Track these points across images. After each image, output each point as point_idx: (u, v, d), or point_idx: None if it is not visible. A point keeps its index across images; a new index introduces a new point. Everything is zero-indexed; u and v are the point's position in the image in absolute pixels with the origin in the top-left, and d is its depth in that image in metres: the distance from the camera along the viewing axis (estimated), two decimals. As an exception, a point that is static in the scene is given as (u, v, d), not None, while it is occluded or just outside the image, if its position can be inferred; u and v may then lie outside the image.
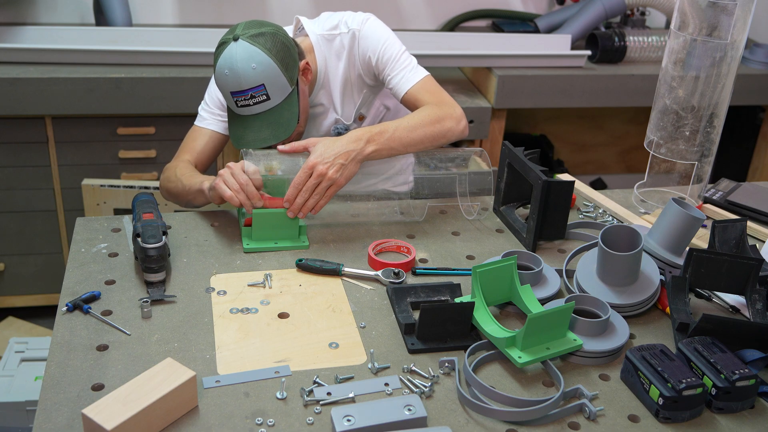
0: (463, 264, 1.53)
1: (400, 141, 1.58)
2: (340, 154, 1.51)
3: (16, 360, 2.37)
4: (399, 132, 1.58)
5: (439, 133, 1.63)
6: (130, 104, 2.59)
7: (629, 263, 1.36)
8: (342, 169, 1.50)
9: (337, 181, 1.51)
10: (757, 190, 1.81)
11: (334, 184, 1.51)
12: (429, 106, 1.66)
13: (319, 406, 1.14)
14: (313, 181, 1.49)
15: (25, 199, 2.71)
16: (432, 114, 1.63)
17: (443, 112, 1.65)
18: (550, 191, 1.51)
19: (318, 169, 1.49)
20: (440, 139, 1.64)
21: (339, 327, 1.32)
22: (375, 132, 1.56)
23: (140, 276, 1.42)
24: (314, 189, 1.50)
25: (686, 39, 1.62)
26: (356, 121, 1.82)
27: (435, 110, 1.64)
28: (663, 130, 1.71)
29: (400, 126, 1.59)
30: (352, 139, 1.53)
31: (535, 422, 1.13)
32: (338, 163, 1.50)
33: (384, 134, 1.56)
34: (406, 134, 1.58)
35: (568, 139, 3.68)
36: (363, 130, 1.56)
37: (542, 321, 1.21)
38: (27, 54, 2.62)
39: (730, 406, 1.17)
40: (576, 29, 3.05)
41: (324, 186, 1.50)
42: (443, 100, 1.69)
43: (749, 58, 3.06)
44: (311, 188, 1.50)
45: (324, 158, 1.50)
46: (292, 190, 1.50)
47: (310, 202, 1.51)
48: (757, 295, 1.35)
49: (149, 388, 1.08)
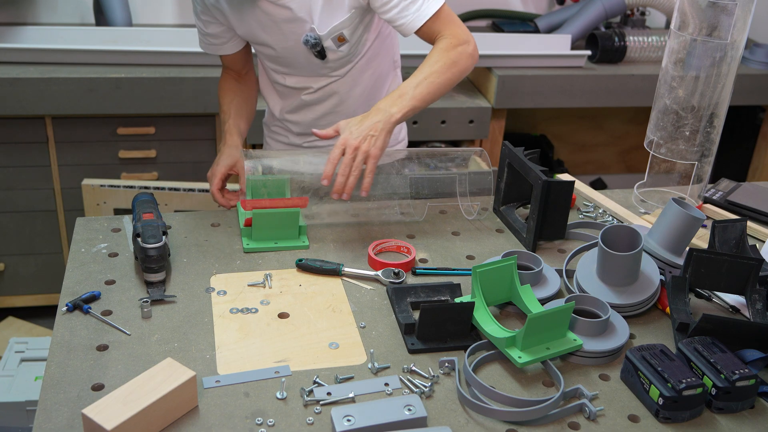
0: (463, 264, 1.53)
1: (422, 98, 1.56)
2: (369, 127, 1.49)
3: (16, 360, 2.37)
4: (419, 89, 1.55)
5: (456, 77, 1.61)
6: (130, 104, 2.59)
7: (629, 263, 1.36)
8: (374, 141, 1.49)
9: (371, 152, 1.48)
10: (757, 190, 1.81)
11: (370, 156, 1.49)
12: (442, 50, 1.60)
13: (319, 406, 1.14)
14: (348, 157, 1.48)
15: (25, 199, 2.71)
16: (447, 59, 1.59)
17: (457, 54, 1.60)
18: (550, 191, 1.51)
19: (350, 144, 1.48)
20: (457, 81, 1.62)
21: (339, 327, 1.32)
22: (395, 97, 1.54)
23: (140, 276, 1.42)
24: (351, 165, 1.48)
25: (686, 39, 1.62)
26: (334, 40, 1.68)
27: (449, 54, 1.59)
28: (663, 130, 1.71)
29: (419, 83, 1.56)
30: (376, 110, 1.52)
31: (535, 422, 1.13)
32: (369, 135, 1.49)
33: (405, 96, 1.54)
34: (425, 89, 1.56)
35: (568, 139, 3.68)
36: (384, 100, 1.55)
37: (542, 321, 1.21)
38: (27, 54, 2.62)
39: (730, 406, 1.17)
40: (576, 29, 3.05)
41: (360, 160, 1.48)
42: (455, 34, 1.62)
43: (749, 58, 3.06)
44: (348, 164, 1.47)
45: (353, 134, 1.49)
46: (328, 165, 1.47)
47: (351, 180, 1.49)
48: (757, 295, 1.35)
49: (149, 388, 1.08)
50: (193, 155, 2.75)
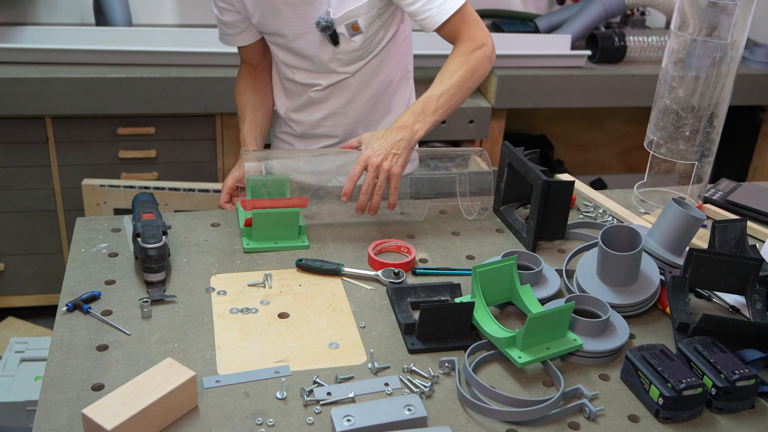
0: (463, 264, 1.53)
1: (444, 112, 1.57)
2: (392, 144, 1.51)
3: (16, 360, 2.37)
4: (441, 101, 1.56)
5: (476, 84, 1.63)
6: (130, 104, 2.59)
7: (629, 263, 1.36)
8: (396, 159, 1.50)
9: (393, 171, 1.50)
10: (757, 190, 1.81)
11: (392, 175, 1.50)
12: (461, 55, 1.61)
13: (319, 406, 1.14)
14: (371, 176, 1.49)
15: (25, 199, 2.71)
16: (471, 69, 1.60)
17: (476, 59, 1.61)
18: (550, 191, 1.51)
19: (372, 162, 1.49)
20: (476, 86, 1.64)
21: (339, 327, 1.32)
22: (418, 112, 1.55)
23: (140, 276, 1.42)
24: (374, 185, 1.50)
25: (686, 39, 1.62)
26: (348, 28, 1.66)
27: (469, 60, 1.60)
28: (663, 130, 1.71)
29: (441, 95, 1.57)
30: (399, 126, 1.53)
31: (535, 422, 1.14)
32: (391, 153, 1.50)
33: (427, 110, 1.55)
34: (447, 102, 1.57)
35: (568, 139, 3.68)
36: (406, 115, 1.55)
37: (542, 321, 1.21)
38: (27, 54, 2.62)
39: (730, 406, 1.17)
40: (576, 29, 3.05)
41: (383, 179, 1.49)
42: (474, 36, 1.63)
43: (749, 58, 3.06)
44: (371, 183, 1.50)
45: (376, 151, 1.50)
46: (348, 183, 1.49)
47: (375, 200, 1.51)
48: (757, 295, 1.35)
49: (149, 388, 1.08)
50: (193, 155, 2.75)
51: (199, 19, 3.12)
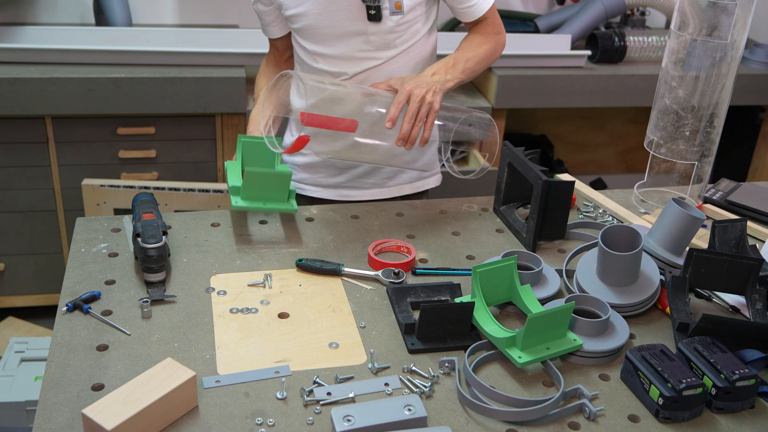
0: (463, 264, 1.53)
1: (468, 72, 1.70)
2: (430, 83, 1.57)
3: (16, 360, 2.37)
4: (469, 64, 1.70)
5: (488, 64, 1.78)
6: (130, 104, 2.59)
7: (629, 263, 1.36)
8: (435, 96, 1.56)
9: (434, 106, 1.55)
10: (757, 190, 1.81)
11: (432, 111, 1.55)
12: (488, 34, 1.77)
13: (319, 406, 1.14)
14: (414, 105, 1.53)
15: (25, 199, 2.71)
16: (492, 48, 1.77)
17: (496, 42, 1.78)
18: (550, 191, 1.51)
19: (416, 93, 1.53)
20: (486, 68, 1.79)
21: (339, 327, 1.32)
22: (450, 65, 1.67)
23: (140, 276, 1.42)
24: (417, 114, 1.53)
25: (686, 39, 1.62)
26: (392, 4, 1.69)
27: (494, 45, 1.77)
28: (663, 130, 1.71)
29: (469, 58, 1.70)
30: (434, 72, 1.63)
31: (535, 422, 1.14)
32: (432, 90, 1.56)
33: (458, 66, 1.67)
34: (471, 66, 1.70)
35: (568, 139, 3.68)
36: (438, 65, 1.66)
37: (542, 321, 1.21)
38: (27, 54, 2.62)
39: (730, 406, 1.17)
40: (576, 29, 3.05)
41: (424, 111, 1.54)
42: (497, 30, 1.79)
43: (749, 58, 3.06)
44: (414, 113, 1.53)
45: (419, 84, 1.56)
46: (393, 109, 1.53)
47: (416, 130, 1.54)
48: (757, 295, 1.35)
49: (149, 388, 1.08)
50: (193, 155, 2.75)
51: (199, 19, 3.12)
